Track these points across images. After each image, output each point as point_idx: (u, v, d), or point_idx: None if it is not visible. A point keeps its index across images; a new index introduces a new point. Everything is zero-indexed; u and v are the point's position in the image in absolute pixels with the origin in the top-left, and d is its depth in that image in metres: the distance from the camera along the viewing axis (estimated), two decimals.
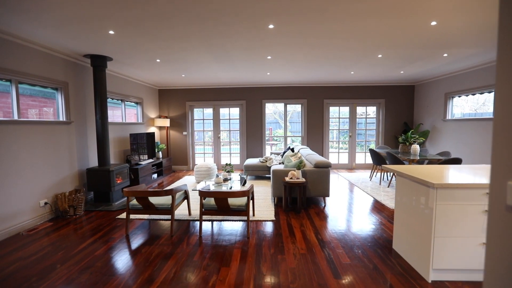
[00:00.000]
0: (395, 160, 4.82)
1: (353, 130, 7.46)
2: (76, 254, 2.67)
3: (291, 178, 3.91)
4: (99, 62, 4.19)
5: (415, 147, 5.11)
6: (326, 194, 4.14)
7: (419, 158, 4.77)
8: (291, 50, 4.04)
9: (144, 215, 3.71)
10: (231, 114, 7.62)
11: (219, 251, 2.71)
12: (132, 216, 3.71)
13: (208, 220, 3.56)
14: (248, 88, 7.34)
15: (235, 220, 3.56)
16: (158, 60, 4.56)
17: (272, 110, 8.37)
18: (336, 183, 5.70)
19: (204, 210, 3.14)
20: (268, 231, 3.22)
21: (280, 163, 5.69)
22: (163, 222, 3.53)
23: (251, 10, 2.66)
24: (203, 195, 3.03)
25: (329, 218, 3.65)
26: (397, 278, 2.22)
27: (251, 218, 3.59)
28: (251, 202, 3.86)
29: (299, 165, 4.04)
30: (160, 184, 5.84)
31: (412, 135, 5.45)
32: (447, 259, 2.10)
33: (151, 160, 6.11)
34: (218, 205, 3.04)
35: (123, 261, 2.53)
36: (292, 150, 5.64)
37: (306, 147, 6.06)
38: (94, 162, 4.66)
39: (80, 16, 2.75)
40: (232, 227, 3.34)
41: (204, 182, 4.57)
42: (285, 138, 7.72)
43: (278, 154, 6.75)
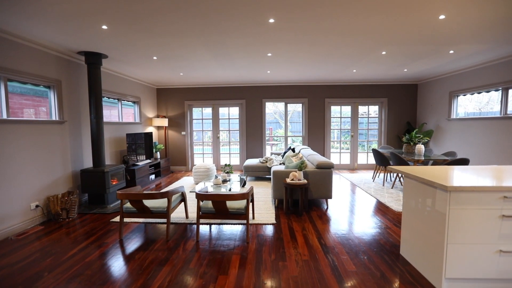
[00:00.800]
0: (399, 160, 4.67)
1: (355, 129, 7.31)
2: (66, 260, 2.52)
3: (292, 180, 3.77)
4: (93, 60, 4.04)
5: (420, 147, 4.96)
6: (329, 196, 4.00)
7: (424, 159, 4.61)
8: (292, 47, 3.89)
9: (139, 219, 3.57)
10: (231, 114, 7.47)
11: (217, 257, 2.57)
12: (127, 219, 3.56)
13: (206, 224, 3.41)
14: (248, 87, 7.19)
15: (234, 224, 3.41)
16: (155, 58, 4.41)
17: (272, 109, 8.22)
18: (338, 184, 5.55)
19: (202, 213, 3.00)
20: (269, 235, 3.07)
21: (280, 164, 5.54)
22: (159, 225, 3.39)
23: (251, 4, 2.51)
24: (200, 197, 2.88)
25: (332, 221, 3.51)
26: (406, 287, 2.07)
27: (251, 221, 3.45)
28: (250, 204, 3.72)
29: (301, 166, 3.89)
30: (158, 185, 5.70)
31: (417, 135, 5.30)
32: (461, 267, 1.95)
33: (148, 161, 5.96)
34: (216, 208, 2.89)
35: (115, 268, 2.39)
36: (293, 150, 5.50)
37: (307, 147, 5.91)
38: (88, 163, 4.51)
39: (71, 10, 2.60)
40: (231, 231, 3.19)
41: (203, 183, 4.43)
42: (285, 138, 7.57)
43: (278, 154, 6.60)
